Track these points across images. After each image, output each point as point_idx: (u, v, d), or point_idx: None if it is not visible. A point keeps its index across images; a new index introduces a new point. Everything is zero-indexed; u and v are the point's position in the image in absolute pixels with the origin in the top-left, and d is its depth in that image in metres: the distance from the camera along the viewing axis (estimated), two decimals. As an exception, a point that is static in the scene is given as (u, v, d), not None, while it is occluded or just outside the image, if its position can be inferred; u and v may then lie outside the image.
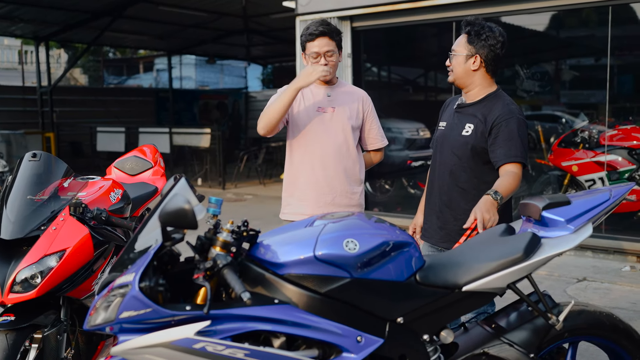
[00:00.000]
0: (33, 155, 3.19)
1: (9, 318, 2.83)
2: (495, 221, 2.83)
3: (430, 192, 3.44)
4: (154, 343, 2.08)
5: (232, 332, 2.13)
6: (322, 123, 3.51)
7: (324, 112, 3.51)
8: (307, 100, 3.54)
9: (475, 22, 3.22)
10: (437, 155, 3.40)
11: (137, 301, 2.04)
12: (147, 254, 2.12)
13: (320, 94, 3.54)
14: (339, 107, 3.52)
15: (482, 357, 2.46)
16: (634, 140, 7.22)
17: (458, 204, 3.23)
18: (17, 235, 2.87)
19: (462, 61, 3.24)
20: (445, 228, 3.28)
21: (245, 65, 27.26)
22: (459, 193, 3.23)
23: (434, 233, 3.36)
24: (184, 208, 1.98)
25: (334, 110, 3.51)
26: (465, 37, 3.24)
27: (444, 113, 3.49)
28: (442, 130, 3.39)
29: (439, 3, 7.57)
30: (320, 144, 3.51)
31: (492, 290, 2.43)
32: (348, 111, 3.54)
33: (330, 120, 3.51)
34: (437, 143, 3.41)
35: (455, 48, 3.28)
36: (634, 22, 7.76)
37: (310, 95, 3.55)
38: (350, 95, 3.61)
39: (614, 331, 2.57)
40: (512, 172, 3.03)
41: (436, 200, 3.34)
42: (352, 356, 2.23)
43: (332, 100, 3.53)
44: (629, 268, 6.42)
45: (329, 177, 3.52)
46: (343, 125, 3.52)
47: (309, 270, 2.23)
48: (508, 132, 3.08)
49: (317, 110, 3.51)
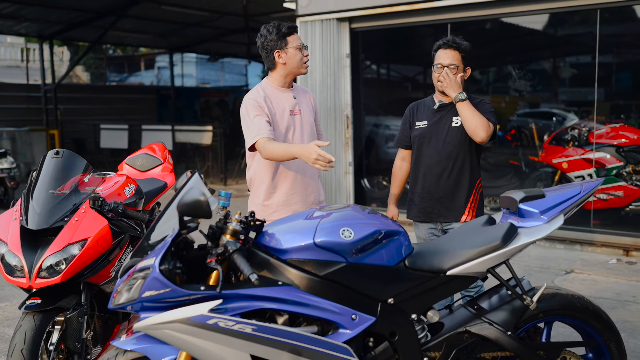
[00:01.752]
0: (56, 152, 3.47)
1: (36, 301, 3.11)
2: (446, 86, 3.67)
3: (424, 180, 3.83)
4: (172, 319, 2.35)
5: (241, 309, 2.41)
6: (296, 126, 3.63)
7: (296, 115, 3.64)
8: (280, 104, 3.60)
9: (462, 41, 3.77)
10: (423, 149, 3.82)
11: (158, 282, 2.32)
12: (165, 241, 2.40)
13: (288, 97, 3.64)
14: (303, 108, 3.69)
15: (464, 334, 2.73)
16: (622, 138, 7.48)
17: (459, 180, 3.77)
18: (43, 225, 3.14)
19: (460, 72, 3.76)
20: (450, 204, 3.78)
21: (245, 63, 27.48)
22: (457, 171, 3.77)
23: (438, 213, 3.81)
24: (200, 200, 2.26)
25: (301, 112, 3.67)
26: (459, 54, 3.71)
27: (418, 114, 3.90)
28: (425, 127, 3.82)
29: (434, 5, 7.80)
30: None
31: (473, 274, 2.71)
32: (308, 110, 3.72)
33: (300, 121, 3.65)
34: (423, 138, 3.82)
35: (452, 62, 3.72)
36: (621, 23, 8.01)
37: (279, 99, 3.61)
38: (306, 95, 3.78)
39: (584, 312, 2.85)
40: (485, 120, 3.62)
41: (432, 183, 3.80)
42: (347, 332, 2.51)
43: (298, 102, 3.67)
44: (615, 261, 6.69)
45: (310, 179, 3.68)
46: (310, 123, 3.71)
47: (309, 255, 2.50)
48: (487, 108, 3.73)
49: (290, 114, 3.61)
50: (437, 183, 3.79)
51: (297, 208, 3.56)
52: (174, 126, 14.59)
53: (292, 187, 3.61)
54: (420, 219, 3.88)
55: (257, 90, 3.61)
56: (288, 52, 3.54)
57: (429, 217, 3.84)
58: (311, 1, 8.79)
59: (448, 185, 3.77)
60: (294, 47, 3.54)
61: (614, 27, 7.73)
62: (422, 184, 3.84)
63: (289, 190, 3.60)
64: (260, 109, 3.49)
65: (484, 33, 8.38)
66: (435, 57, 3.80)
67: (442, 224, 3.82)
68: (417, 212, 3.89)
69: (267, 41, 3.54)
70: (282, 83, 3.63)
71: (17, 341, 2.99)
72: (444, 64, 3.71)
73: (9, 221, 3.24)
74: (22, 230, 3.17)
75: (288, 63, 3.55)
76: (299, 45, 3.55)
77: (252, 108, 3.50)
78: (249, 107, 3.52)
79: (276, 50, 3.54)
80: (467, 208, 3.76)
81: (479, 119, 3.60)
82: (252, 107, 3.51)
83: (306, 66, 3.61)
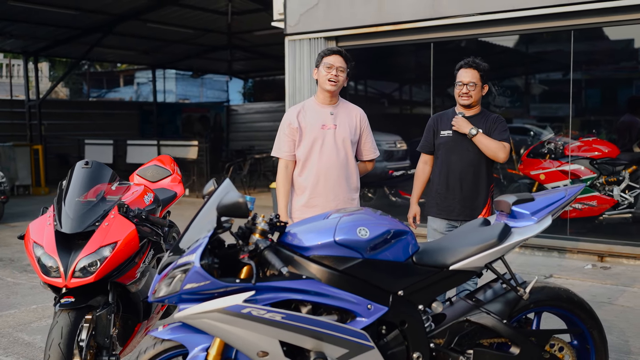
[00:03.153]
0: (85, 163, 3.74)
1: (70, 300, 3.36)
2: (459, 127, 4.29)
3: (447, 182, 4.38)
4: (210, 309, 2.64)
5: (271, 300, 2.70)
6: (326, 139, 4.07)
7: (328, 129, 4.08)
8: (313, 119, 4.09)
9: (481, 62, 4.38)
10: (448, 155, 4.38)
11: (199, 275, 2.61)
12: (204, 239, 2.68)
13: (324, 112, 4.11)
14: (340, 124, 4.11)
15: (465, 323, 3.05)
16: (595, 151, 7.94)
17: (478, 184, 4.36)
18: (76, 229, 3.41)
19: (479, 90, 4.37)
20: (471, 205, 4.35)
21: (226, 79, 27.79)
22: (477, 176, 4.36)
23: (459, 211, 4.37)
24: (239, 201, 2.57)
25: (336, 127, 4.09)
26: (478, 73, 4.33)
27: (442, 124, 4.43)
28: (450, 136, 4.37)
29: (417, 26, 8.21)
30: (326, 157, 4.07)
31: (473, 269, 3.04)
32: (347, 127, 4.12)
33: (333, 136, 4.08)
34: (448, 146, 4.37)
35: (472, 81, 4.28)
36: (594, 43, 8.49)
37: (315, 114, 4.11)
38: (349, 112, 4.19)
39: (570, 302, 3.20)
40: (500, 143, 4.27)
41: (455, 185, 4.36)
42: (363, 320, 2.81)
43: (335, 117, 4.11)
44: (591, 266, 7.10)
45: (334, 187, 4.10)
46: (344, 140, 4.10)
47: (329, 252, 2.81)
48: (502, 127, 4.36)
49: (321, 127, 4.07)
50: (460, 185, 4.33)
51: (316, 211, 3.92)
52: (160, 141, 14.80)
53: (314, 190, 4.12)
54: (442, 216, 4.40)
55: (299, 104, 4.18)
56: (320, 70, 4.04)
57: (450, 215, 4.38)
58: (299, 21, 9.13)
59: (469, 188, 4.35)
60: (324, 66, 4.00)
61: (586, 47, 8.19)
62: (447, 186, 4.38)
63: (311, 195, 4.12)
64: (290, 128, 4.11)
65: (465, 51, 8.81)
66: (457, 76, 4.36)
67: (462, 222, 4.31)
68: (439, 210, 4.42)
69: (317, 61, 4.12)
70: (321, 99, 4.13)
71: (54, 336, 3.23)
72: (464, 81, 4.28)
73: (43, 226, 3.49)
74: (56, 234, 3.43)
75: (318, 79, 4.06)
76: (329, 64, 3.99)
77: (283, 126, 4.17)
78: (283, 123, 4.16)
79: (315, 68, 4.11)
80: (484, 208, 4.37)
81: (494, 145, 4.25)
82: (283, 124, 4.16)
83: (330, 83, 4.00)
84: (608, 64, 8.86)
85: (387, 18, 8.42)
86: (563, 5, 7.11)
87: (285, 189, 4.14)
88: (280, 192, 4.15)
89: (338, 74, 3.99)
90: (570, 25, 7.38)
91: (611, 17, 7.06)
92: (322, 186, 4.09)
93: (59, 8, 13.36)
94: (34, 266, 3.42)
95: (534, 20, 7.47)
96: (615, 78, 9.06)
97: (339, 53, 4.04)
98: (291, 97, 9.32)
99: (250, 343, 2.69)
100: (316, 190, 4.09)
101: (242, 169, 15.31)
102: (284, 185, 4.14)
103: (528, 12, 7.35)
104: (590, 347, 3.24)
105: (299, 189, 4.17)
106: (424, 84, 9.75)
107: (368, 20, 8.58)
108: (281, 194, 4.14)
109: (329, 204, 4.06)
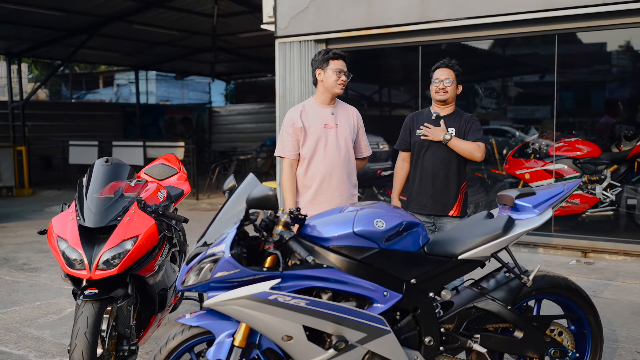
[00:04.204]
0: (105, 160, 3.88)
1: (93, 291, 3.50)
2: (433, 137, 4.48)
3: (421, 179, 4.57)
4: (238, 296, 2.80)
5: (295, 287, 2.88)
6: (329, 137, 4.26)
7: (330, 128, 4.27)
8: (315, 119, 4.27)
9: (456, 64, 4.55)
10: (422, 153, 4.56)
11: (229, 264, 2.77)
12: (232, 230, 2.85)
13: (326, 112, 4.29)
14: (341, 123, 4.31)
15: (472, 310, 3.26)
16: (578, 151, 8.22)
17: (450, 181, 4.54)
18: (99, 224, 3.55)
19: (454, 87, 4.47)
20: (442, 200, 4.54)
21: (209, 81, 27.85)
22: (449, 173, 4.53)
23: (431, 206, 4.57)
24: (269, 194, 2.74)
25: (337, 126, 4.29)
26: (453, 72, 4.48)
27: (418, 123, 4.63)
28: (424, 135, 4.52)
29: (406, 29, 8.41)
30: (330, 156, 4.27)
31: (480, 258, 3.25)
32: (347, 126, 4.33)
33: (335, 134, 4.28)
34: (423, 145, 4.56)
35: (448, 77, 4.46)
36: (577, 46, 8.79)
37: (316, 114, 4.28)
38: (347, 112, 4.40)
39: (568, 290, 3.43)
40: (475, 144, 4.46)
41: (427, 181, 4.55)
42: (380, 306, 3.00)
43: (335, 117, 4.30)
44: (575, 262, 7.37)
45: (338, 184, 4.29)
46: (345, 138, 4.31)
47: (348, 242, 2.99)
48: (475, 127, 4.54)
49: (324, 127, 4.26)
50: (432, 182, 4.51)
51: (321, 208, 4.05)
52: (146, 142, 14.86)
53: (320, 187, 4.28)
54: (416, 210, 4.57)
55: (299, 105, 4.30)
56: (326, 72, 4.17)
57: (423, 210, 4.56)
58: (290, 23, 9.30)
59: (440, 184, 4.51)
60: (332, 70, 4.15)
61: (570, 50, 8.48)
62: (420, 182, 4.57)
63: (316, 191, 4.28)
64: (294, 128, 4.23)
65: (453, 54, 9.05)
66: (434, 74, 4.54)
67: (435, 217, 4.54)
68: (414, 205, 4.61)
69: (314, 60, 4.24)
70: (322, 99, 4.29)
71: (80, 325, 3.37)
72: (441, 78, 4.48)
73: (66, 221, 3.63)
74: (79, 228, 3.57)
75: (325, 81, 4.20)
76: (338, 69, 4.15)
77: (287, 125, 4.26)
78: (285, 124, 4.26)
79: (318, 69, 4.20)
80: (455, 204, 4.53)
81: (469, 147, 4.45)
82: (286, 124, 4.26)
83: (341, 87, 4.20)
84: (590, 67, 9.18)
85: (376, 21, 8.62)
86: (547, 11, 7.37)
87: (292, 187, 4.30)
88: (287, 190, 4.31)
89: (345, 81, 4.22)
90: (555, 29, 7.65)
91: (594, 22, 7.34)
92: (327, 183, 4.27)
93: (45, 9, 13.36)
94: (57, 259, 3.55)
95: (519, 25, 7.72)
96: (597, 81, 9.38)
97: (344, 58, 4.25)
98: (281, 98, 9.48)
99: (275, 328, 2.85)
100: (321, 187, 4.27)
101: (227, 169, 15.43)
102: (290, 184, 4.30)
103: (514, 16, 7.59)
104: (587, 331, 3.47)
105: (303, 187, 4.32)
106: (412, 86, 9.98)
107: (358, 24, 8.76)
108: (288, 191, 4.31)
109: (334, 200, 4.25)
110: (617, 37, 8.41)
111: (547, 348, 3.34)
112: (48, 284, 6.64)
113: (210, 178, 15.10)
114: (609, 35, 8.35)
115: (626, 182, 8.04)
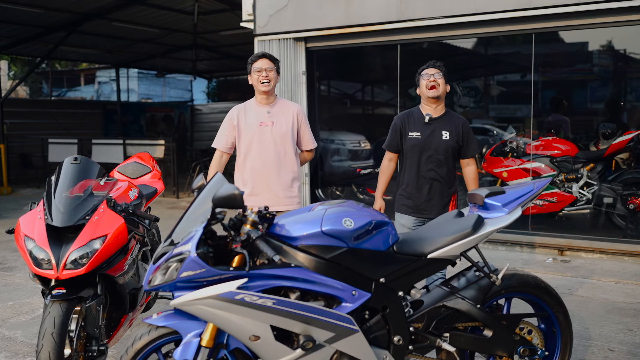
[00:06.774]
0: (74, 159, 3.84)
1: (61, 291, 3.46)
2: None
3: (417, 183, 4.62)
4: (205, 296, 2.78)
5: (262, 287, 2.86)
6: (264, 135, 4.53)
7: (265, 126, 4.54)
8: (251, 118, 4.56)
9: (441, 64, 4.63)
10: (417, 156, 4.59)
11: (195, 264, 2.75)
12: (198, 229, 2.83)
13: (262, 111, 4.58)
14: (278, 121, 4.56)
15: (441, 309, 3.26)
16: (555, 149, 8.28)
17: (441, 185, 4.60)
18: (68, 223, 3.51)
19: (444, 83, 4.54)
20: (431, 202, 4.61)
21: (191, 78, 27.71)
22: (445, 176, 4.61)
23: (422, 208, 4.63)
24: (235, 193, 2.72)
25: (273, 124, 4.54)
26: (441, 71, 4.55)
27: (410, 125, 4.61)
28: (418, 138, 4.56)
29: (385, 28, 8.42)
30: (264, 153, 4.52)
31: (449, 257, 3.25)
32: (284, 123, 4.57)
33: (270, 132, 4.53)
34: (417, 148, 4.57)
35: (438, 72, 4.54)
36: (555, 45, 8.84)
37: (253, 113, 4.58)
38: (287, 109, 4.65)
39: (537, 289, 3.44)
40: (472, 160, 4.71)
41: (424, 185, 4.60)
42: (348, 305, 2.99)
43: (272, 115, 4.57)
44: (552, 260, 7.42)
45: (271, 177, 4.53)
46: (281, 135, 4.55)
47: (316, 241, 2.98)
48: (473, 138, 4.69)
49: (259, 125, 4.54)
50: (429, 185, 4.58)
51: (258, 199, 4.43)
52: (125, 140, 14.75)
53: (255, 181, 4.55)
54: (409, 212, 4.64)
55: (243, 103, 4.62)
56: (252, 75, 4.51)
57: (420, 213, 4.62)
58: (269, 22, 9.27)
59: (437, 187, 4.58)
60: (255, 71, 4.48)
61: (547, 49, 8.52)
62: (416, 185, 4.61)
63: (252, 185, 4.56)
64: (230, 123, 4.60)
65: (431, 53, 9.07)
66: (422, 76, 4.61)
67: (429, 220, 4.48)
68: (408, 207, 4.66)
69: (248, 70, 4.58)
70: (258, 100, 4.62)
71: (47, 326, 3.33)
72: (431, 72, 4.55)
73: (34, 220, 3.58)
74: (47, 227, 3.53)
75: (253, 83, 4.54)
76: (258, 69, 4.46)
77: (225, 121, 4.67)
78: (225, 119, 4.63)
79: (248, 75, 4.57)
80: (450, 205, 4.65)
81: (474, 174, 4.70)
82: (226, 119, 4.67)
83: (264, 85, 4.49)
84: (568, 66, 9.23)
85: (354, 20, 8.62)
86: (524, 10, 7.41)
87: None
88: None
89: (268, 74, 4.47)
90: (532, 28, 7.69)
91: (570, 21, 7.39)
92: (262, 178, 4.52)
93: (23, 6, 13.22)
94: (25, 259, 3.51)
95: (497, 24, 7.75)
96: (575, 80, 9.44)
97: (263, 56, 4.54)
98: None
99: (242, 328, 2.84)
100: (256, 181, 4.53)
101: (208, 168, 15.34)
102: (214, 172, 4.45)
103: (491, 15, 7.62)
104: (556, 329, 3.48)
105: (242, 182, 4.60)
106: (391, 85, 9.98)
107: (336, 22, 8.76)
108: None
109: (269, 193, 4.52)
110: (594, 36, 8.47)
111: (517, 346, 3.35)
112: (22, 284, 6.56)
113: (191, 176, 15.03)
114: (586, 34, 8.40)
115: (603, 180, 8.10)
